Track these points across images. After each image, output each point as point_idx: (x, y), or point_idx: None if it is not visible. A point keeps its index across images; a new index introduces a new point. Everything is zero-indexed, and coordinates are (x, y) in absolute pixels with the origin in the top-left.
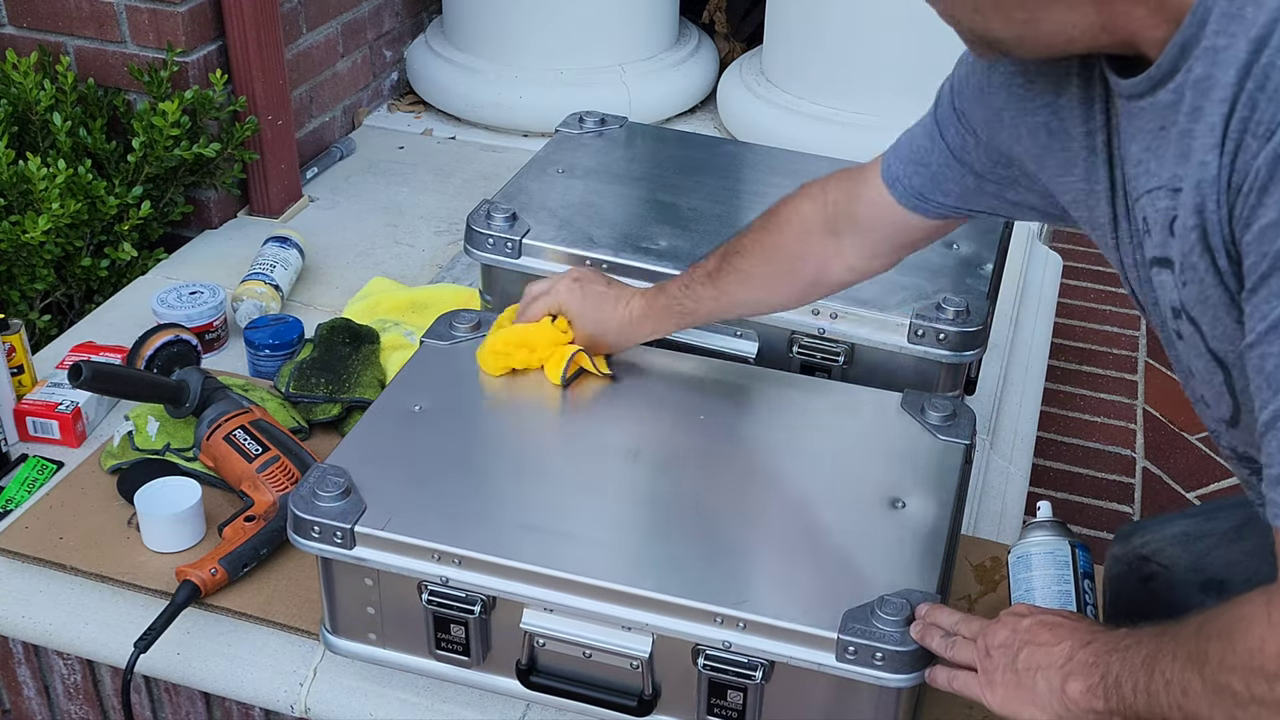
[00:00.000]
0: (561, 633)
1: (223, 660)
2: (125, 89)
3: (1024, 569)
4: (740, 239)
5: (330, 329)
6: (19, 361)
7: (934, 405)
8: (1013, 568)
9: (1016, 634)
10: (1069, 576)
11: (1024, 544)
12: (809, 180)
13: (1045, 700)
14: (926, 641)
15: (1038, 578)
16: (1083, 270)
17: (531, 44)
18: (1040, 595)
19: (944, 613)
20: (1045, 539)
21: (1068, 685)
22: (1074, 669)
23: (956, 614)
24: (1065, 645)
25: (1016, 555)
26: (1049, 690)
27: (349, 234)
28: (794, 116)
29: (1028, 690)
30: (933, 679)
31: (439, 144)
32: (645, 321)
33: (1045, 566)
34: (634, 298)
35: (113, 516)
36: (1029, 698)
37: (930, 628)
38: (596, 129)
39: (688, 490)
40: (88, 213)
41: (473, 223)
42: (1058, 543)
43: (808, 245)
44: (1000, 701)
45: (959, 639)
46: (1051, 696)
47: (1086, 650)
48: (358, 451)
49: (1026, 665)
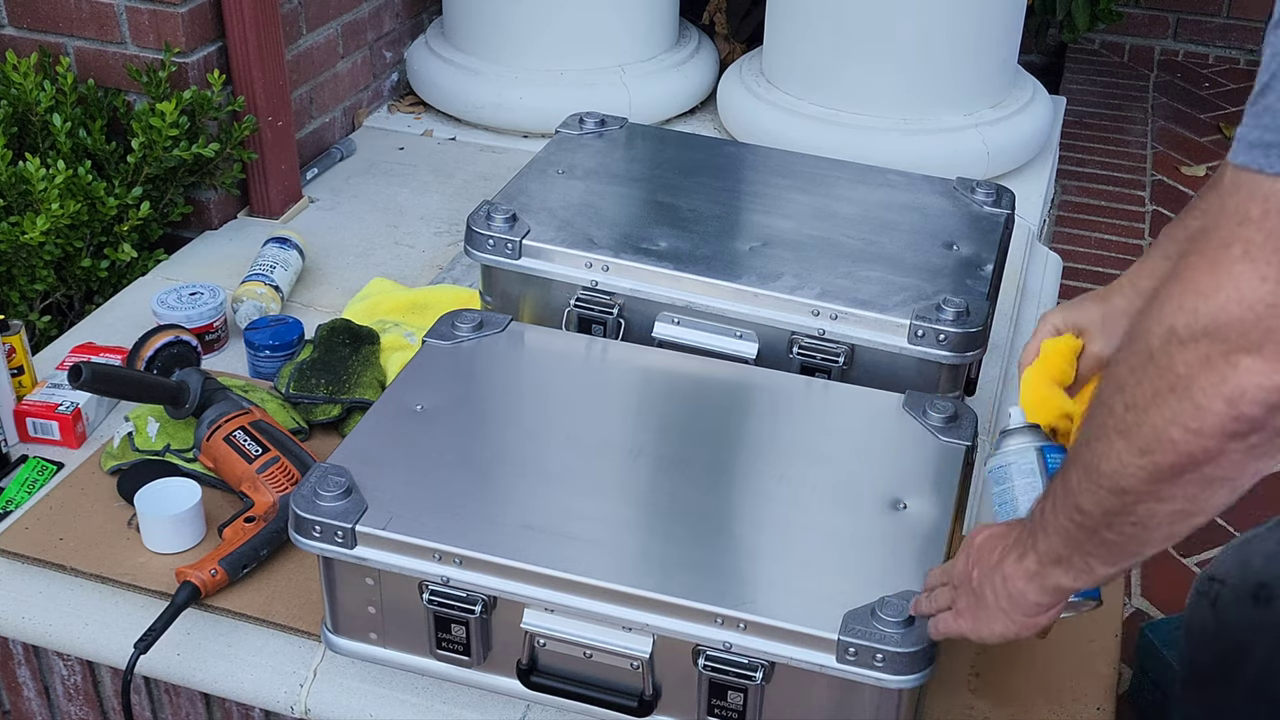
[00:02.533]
0: (562, 633)
1: (223, 661)
2: (125, 90)
3: (998, 481)
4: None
5: (330, 330)
6: (19, 362)
7: (936, 406)
8: (988, 482)
9: (969, 559)
10: (1039, 485)
11: (998, 455)
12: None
13: (1000, 609)
14: (918, 613)
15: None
16: (1083, 270)
17: (531, 45)
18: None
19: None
20: (1016, 446)
21: (1004, 570)
22: (1004, 555)
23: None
24: (998, 549)
25: (991, 468)
26: (993, 595)
27: (349, 235)
28: (794, 117)
29: (987, 607)
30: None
31: (439, 145)
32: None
33: (1017, 477)
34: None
35: (113, 517)
36: (989, 614)
37: (917, 600)
38: (596, 130)
39: (688, 491)
40: (87, 213)
41: (473, 224)
42: (1026, 452)
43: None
44: (971, 628)
45: (936, 589)
46: (997, 597)
47: (1015, 545)
48: (359, 451)
49: (979, 585)
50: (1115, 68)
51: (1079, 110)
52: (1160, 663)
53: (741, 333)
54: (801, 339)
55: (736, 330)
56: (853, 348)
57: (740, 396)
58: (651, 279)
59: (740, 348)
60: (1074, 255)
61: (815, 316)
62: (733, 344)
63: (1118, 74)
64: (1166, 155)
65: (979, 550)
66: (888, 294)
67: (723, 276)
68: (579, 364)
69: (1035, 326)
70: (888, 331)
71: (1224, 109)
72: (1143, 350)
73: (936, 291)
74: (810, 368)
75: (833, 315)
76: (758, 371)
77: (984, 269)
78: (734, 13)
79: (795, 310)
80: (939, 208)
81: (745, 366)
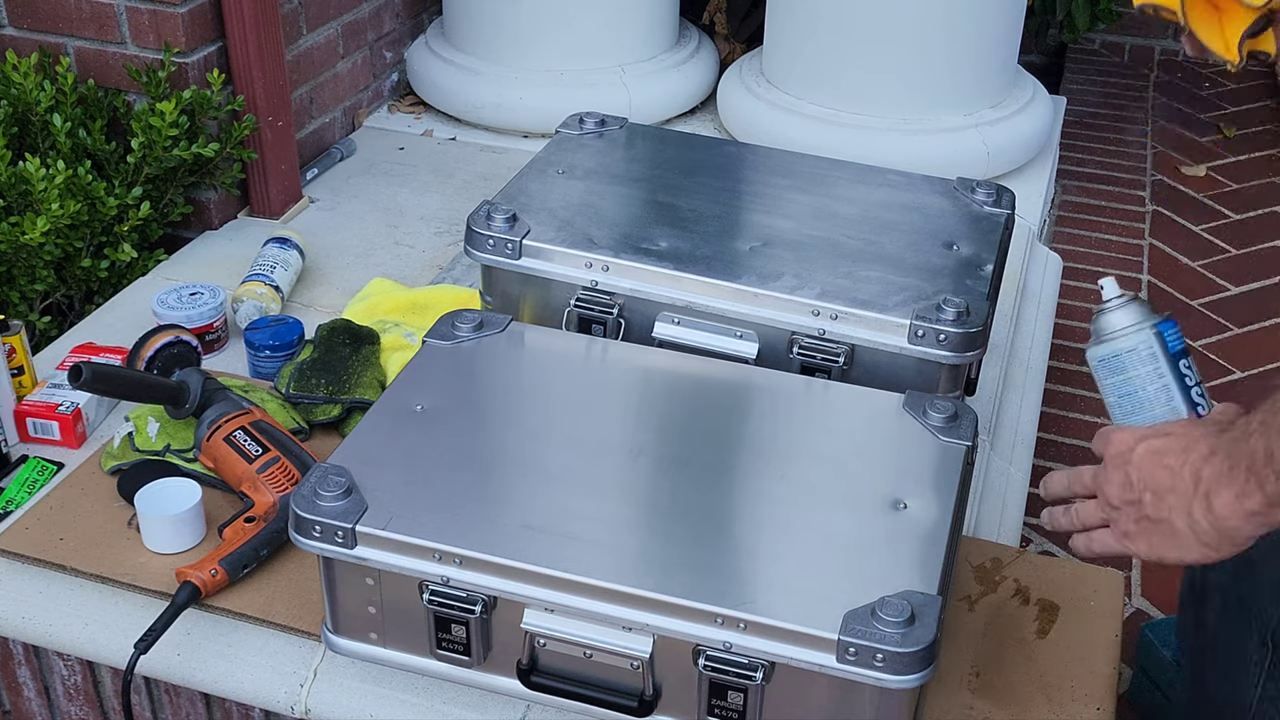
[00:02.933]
0: (562, 633)
1: (223, 661)
2: (125, 90)
3: (1114, 372)
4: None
5: (330, 330)
6: (19, 362)
7: (936, 406)
8: (1100, 372)
9: (1131, 479)
10: (1164, 370)
11: (1107, 344)
12: None
13: (1191, 536)
14: (1057, 527)
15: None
16: (1083, 270)
17: (531, 45)
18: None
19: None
20: (1127, 330)
21: (1212, 505)
22: (1211, 483)
23: (1064, 477)
24: (1187, 471)
25: (1100, 357)
26: (1190, 525)
27: (349, 235)
28: (794, 117)
29: (1168, 535)
30: (1074, 549)
31: (439, 145)
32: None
33: (1136, 366)
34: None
35: (113, 517)
36: (1173, 541)
37: (1053, 513)
38: (596, 130)
39: (688, 491)
40: (87, 214)
41: (473, 224)
42: (1140, 333)
43: None
44: (1146, 550)
45: (1079, 503)
46: (1196, 529)
47: (1213, 461)
48: (359, 451)
49: (1157, 511)
50: (1115, 68)
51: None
52: (1160, 662)
53: (741, 333)
54: (801, 339)
55: (736, 330)
56: (853, 348)
57: (740, 396)
58: (652, 279)
59: (740, 348)
60: (1074, 255)
61: (815, 316)
62: (733, 344)
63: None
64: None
65: (1143, 469)
66: (888, 294)
67: (723, 276)
68: (579, 364)
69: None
70: (888, 331)
71: (1224, 109)
72: None
73: (936, 291)
74: (810, 368)
75: (833, 315)
76: (758, 371)
77: (984, 269)
78: (734, 13)
79: (795, 310)
80: (939, 208)
81: (745, 366)
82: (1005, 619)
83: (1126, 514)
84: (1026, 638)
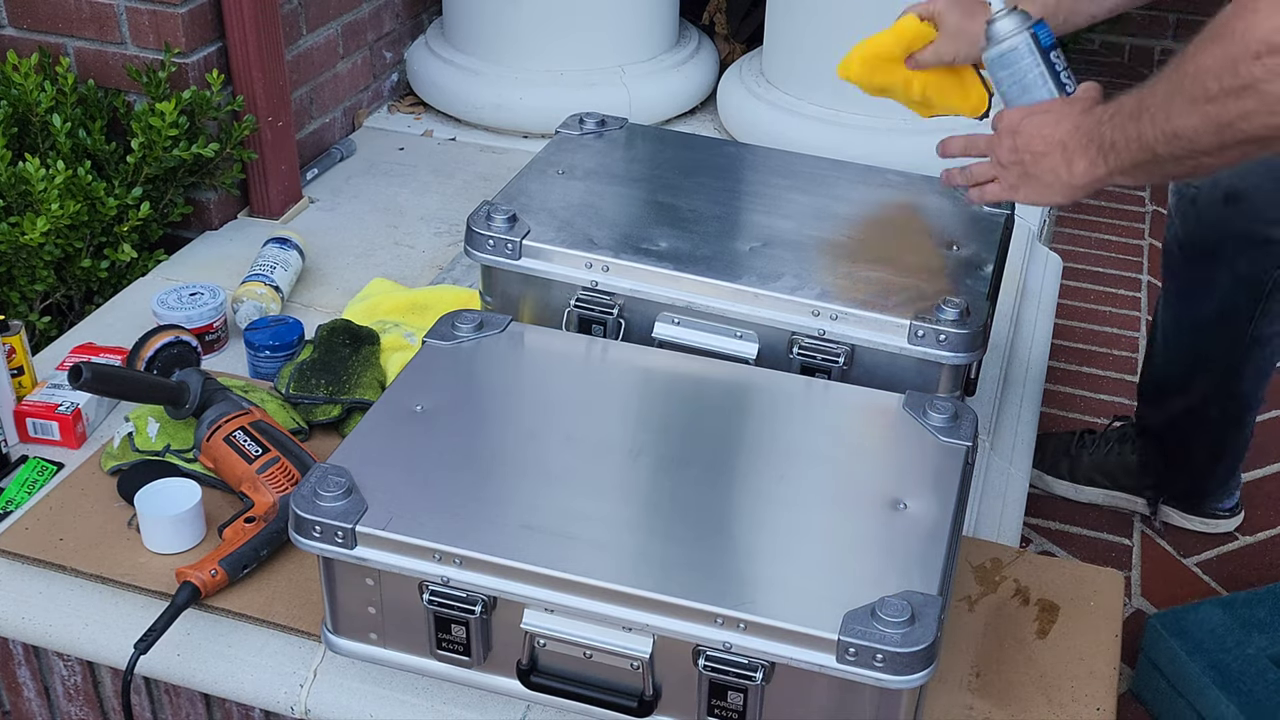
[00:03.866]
0: (562, 633)
1: (223, 661)
2: (125, 90)
3: (1004, 66)
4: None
5: (330, 330)
6: (19, 363)
7: (936, 407)
8: (993, 67)
9: (1017, 145)
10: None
11: (997, 45)
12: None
13: (1057, 187)
14: (950, 180)
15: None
16: (1083, 271)
17: (531, 45)
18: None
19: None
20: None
21: (1073, 167)
22: (1073, 151)
23: (963, 138)
24: (1058, 138)
25: (992, 56)
26: (1056, 179)
27: (349, 235)
28: (794, 117)
29: (1042, 186)
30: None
31: (439, 145)
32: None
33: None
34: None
35: (113, 518)
36: (1044, 191)
37: (950, 172)
38: (596, 130)
39: (688, 491)
40: (87, 214)
41: (473, 224)
42: (1021, 35)
43: None
44: (1024, 196)
45: (974, 164)
46: (1057, 182)
47: (1077, 134)
48: (359, 451)
49: (1035, 168)
50: (1115, 68)
51: None
52: (1168, 653)
53: (741, 333)
54: (801, 339)
55: (736, 330)
56: (853, 348)
57: (740, 397)
58: (652, 279)
59: (740, 348)
60: (1074, 255)
61: (815, 317)
62: (733, 344)
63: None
64: None
65: (1026, 137)
66: (888, 294)
67: (723, 277)
68: (579, 364)
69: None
70: (888, 332)
71: None
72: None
73: (936, 291)
74: (810, 368)
75: (833, 315)
76: (758, 372)
77: (984, 269)
78: (734, 13)
79: (795, 310)
80: (939, 208)
81: (745, 367)
82: (1005, 619)
83: (1013, 171)
84: (1026, 638)
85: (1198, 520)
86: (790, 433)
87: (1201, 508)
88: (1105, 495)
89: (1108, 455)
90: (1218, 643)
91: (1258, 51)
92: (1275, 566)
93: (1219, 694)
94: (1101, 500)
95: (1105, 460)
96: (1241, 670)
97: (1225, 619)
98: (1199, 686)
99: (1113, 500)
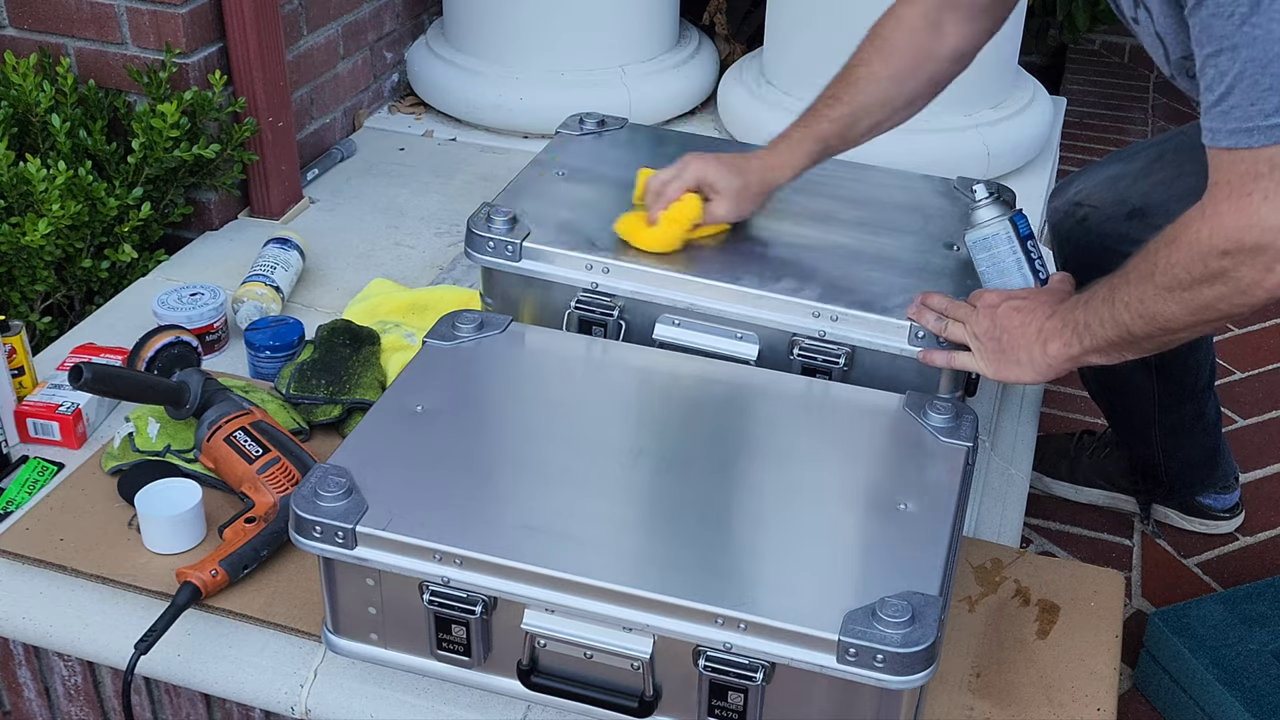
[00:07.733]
0: (562, 633)
1: (223, 662)
2: (126, 90)
3: (983, 250)
4: (854, 58)
5: (330, 330)
6: (19, 363)
7: (936, 407)
8: (973, 250)
9: (995, 323)
10: (1017, 248)
11: (978, 230)
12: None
13: (1029, 366)
14: (922, 320)
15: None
16: None
17: (532, 46)
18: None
19: (936, 298)
20: (992, 220)
21: (1047, 349)
22: (1048, 334)
23: (946, 299)
24: (1034, 322)
25: (974, 239)
26: (1030, 359)
27: (349, 235)
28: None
29: (1014, 363)
30: (930, 359)
31: (439, 145)
32: (784, 156)
33: (999, 245)
34: (765, 148)
35: (113, 518)
36: (1018, 368)
37: (924, 309)
38: (596, 130)
39: (689, 491)
40: (88, 214)
41: (473, 226)
42: (1001, 222)
43: (916, 39)
44: (994, 372)
45: (951, 322)
46: (1034, 362)
47: (1053, 319)
48: (360, 452)
49: (1010, 346)
50: (1115, 68)
51: (1079, 110)
52: (1171, 650)
53: (742, 334)
54: (802, 340)
55: (737, 332)
56: (853, 349)
57: (740, 397)
58: (652, 281)
59: (741, 349)
60: None
61: (816, 318)
62: (733, 345)
63: (1118, 74)
64: None
65: (1004, 318)
66: (888, 295)
67: (723, 278)
68: (579, 365)
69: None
70: (888, 333)
71: None
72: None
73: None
74: (811, 369)
75: (833, 316)
76: (758, 372)
77: None
78: (734, 13)
79: (796, 312)
80: (939, 208)
81: (745, 367)
82: (1005, 619)
83: (987, 345)
84: (1027, 638)
85: (1197, 521)
86: (791, 433)
87: (1196, 507)
88: (1105, 496)
89: (1106, 456)
90: (1220, 638)
91: (1225, 250)
92: (1276, 567)
93: (1223, 690)
94: (1101, 501)
95: (1104, 461)
96: (1244, 666)
97: (1226, 614)
98: (1203, 683)
99: (1112, 501)
